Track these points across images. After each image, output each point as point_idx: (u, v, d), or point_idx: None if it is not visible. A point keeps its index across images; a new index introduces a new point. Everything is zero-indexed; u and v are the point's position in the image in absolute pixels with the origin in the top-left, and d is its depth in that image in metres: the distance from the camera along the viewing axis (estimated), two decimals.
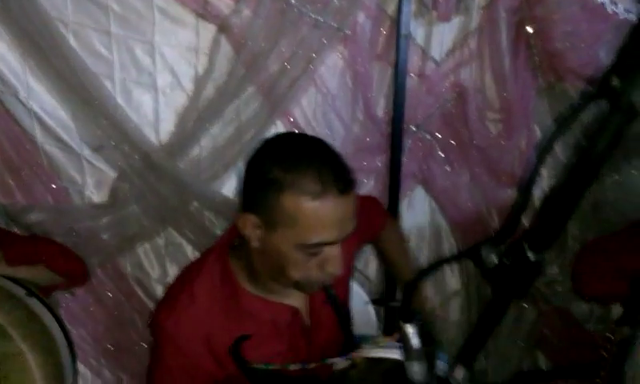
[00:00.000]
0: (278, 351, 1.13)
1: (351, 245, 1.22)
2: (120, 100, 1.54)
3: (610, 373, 1.44)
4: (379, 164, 1.77)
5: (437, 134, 1.79)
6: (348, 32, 1.60)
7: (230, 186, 1.69)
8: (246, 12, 1.50)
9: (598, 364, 2.16)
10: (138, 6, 1.47)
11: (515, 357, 2.13)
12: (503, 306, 0.75)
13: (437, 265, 0.81)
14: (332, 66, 1.63)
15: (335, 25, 1.56)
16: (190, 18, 1.52)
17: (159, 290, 1.76)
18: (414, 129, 1.76)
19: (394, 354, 0.94)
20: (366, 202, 1.45)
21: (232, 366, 1.09)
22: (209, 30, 1.53)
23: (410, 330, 0.79)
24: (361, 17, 1.60)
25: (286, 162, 0.97)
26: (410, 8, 1.62)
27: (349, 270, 1.33)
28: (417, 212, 1.90)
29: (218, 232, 1.71)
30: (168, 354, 1.08)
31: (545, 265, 0.65)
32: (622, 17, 1.74)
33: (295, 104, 1.63)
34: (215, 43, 1.53)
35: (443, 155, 1.82)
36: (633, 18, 1.75)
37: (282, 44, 1.54)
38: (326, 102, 1.65)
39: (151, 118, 1.58)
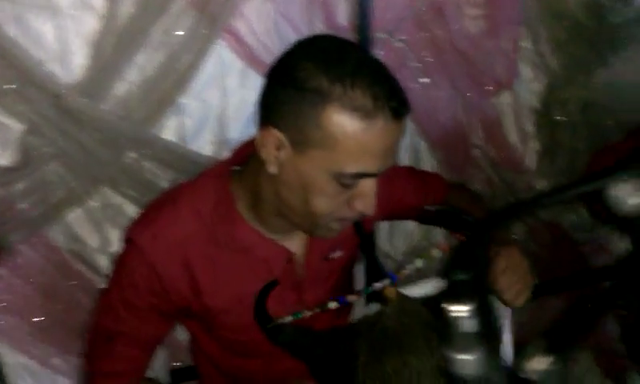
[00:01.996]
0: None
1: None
2: (12, 30, 1.09)
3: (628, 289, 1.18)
4: None
5: (410, 41, 1.41)
6: None
7: (170, 127, 1.29)
8: None
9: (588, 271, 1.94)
10: None
11: None
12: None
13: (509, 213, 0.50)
14: None
15: None
16: None
17: (102, 261, 1.37)
18: (384, 36, 1.37)
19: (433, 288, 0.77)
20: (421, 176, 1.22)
21: (210, 298, 0.91)
22: None
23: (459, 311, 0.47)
24: None
25: (333, 68, 0.73)
26: None
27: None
28: None
29: (164, 185, 1.31)
30: (137, 272, 0.89)
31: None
32: None
33: (239, 17, 1.22)
34: None
35: (420, 65, 1.44)
36: None
37: None
38: (277, 12, 1.24)
39: (57, 50, 1.15)
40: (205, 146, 1.32)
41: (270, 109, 0.80)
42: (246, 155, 0.93)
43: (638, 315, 1.12)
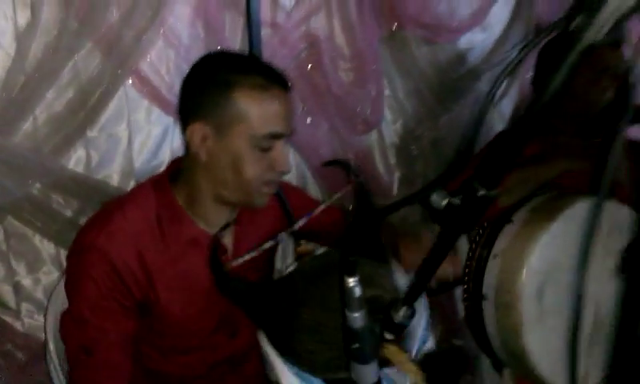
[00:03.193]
0: (201, 288, 0.97)
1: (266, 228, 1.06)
2: None
3: (471, 286, 1.38)
4: None
5: (294, 85, 1.55)
6: None
7: (77, 160, 1.29)
8: None
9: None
10: None
11: None
12: (450, 244, 0.63)
13: (389, 210, 0.68)
14: (181, 15, 1.30)
15: None
16: None
17: (7, 292, 1.30)
18: None
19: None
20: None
21: (161, 290, 0.95)
22: None
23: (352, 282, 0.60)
24: None
25: (232, 64, 0.95)
26: None
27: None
28: None
29: (70, 214, 1.30)
30: (98, 272, 0.90)
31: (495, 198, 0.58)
32: None
33: (144, 60, 1.27)
34: None
35: (302, 107, 1.60)
36: None
37: None
38: (178, 55, 1.32)
39: None
40: (112, 176, 1.34)
41: (191, 108, 0.93)
42: (177, 169, 0.99)
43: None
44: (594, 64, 1.34)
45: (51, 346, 1.05)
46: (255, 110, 0.89)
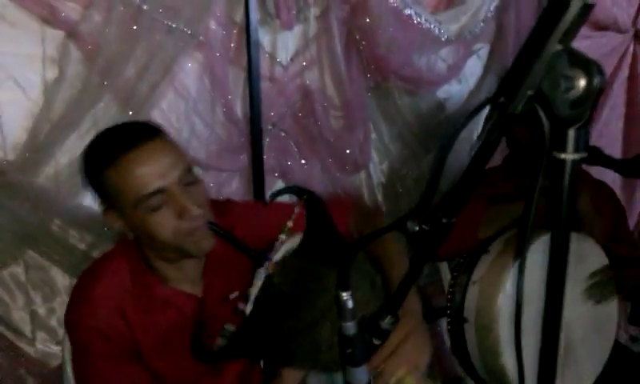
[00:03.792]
0: (180, 343, 0.98)
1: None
2: None
3: (454, 311, 1.46)
4: (243, 161, 1.60)
5: (290, 131, 1.68)
6: (202, 38, 1.41)
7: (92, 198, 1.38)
8: (97, 18, 1.23)
9: (432, 310, 2.25)
10: None
11: None
12: (424, 260, 0.73)
13: (371, 237, 0.75)
14: (190, 71, 1.42)
15: (188, 31, 1.37)
16: (32, 23, 1.20)
17: (24, 320, 1.37)
18: (271, 128, 1.63)
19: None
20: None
21: (142, 345, 0.98)
22: (55, 37, 1.23)
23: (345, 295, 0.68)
24: (212, 24, 1.42)
25: (89, 153, 0.94)
26: (256, 16, 1.49)
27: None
28: None
29: (84, 248, 1.38)
30: (93, 346, 0.94)
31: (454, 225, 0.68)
32: (424, 26, 1.82)
33: (156, 109, 1.39)
34: (64, 50, 1.23)
35: (297, 150, 1.71)
36: (432, 26, 1.84)
37: (137, 50, 1.30)
38: (187, 106, 1.43)
39: None
40: None
41: (97, 198, 0.96)
42: None
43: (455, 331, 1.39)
44: None
45: (68, 370, 1.10)
46: (122, 181, 0.87)
